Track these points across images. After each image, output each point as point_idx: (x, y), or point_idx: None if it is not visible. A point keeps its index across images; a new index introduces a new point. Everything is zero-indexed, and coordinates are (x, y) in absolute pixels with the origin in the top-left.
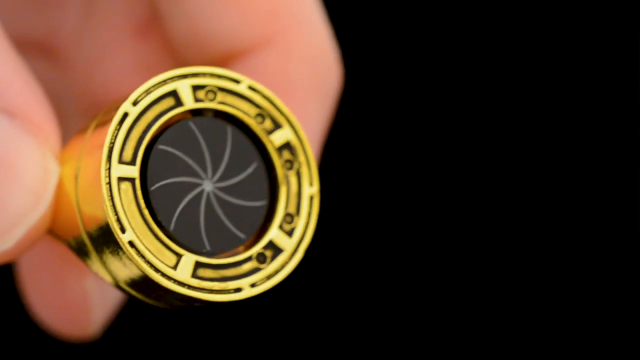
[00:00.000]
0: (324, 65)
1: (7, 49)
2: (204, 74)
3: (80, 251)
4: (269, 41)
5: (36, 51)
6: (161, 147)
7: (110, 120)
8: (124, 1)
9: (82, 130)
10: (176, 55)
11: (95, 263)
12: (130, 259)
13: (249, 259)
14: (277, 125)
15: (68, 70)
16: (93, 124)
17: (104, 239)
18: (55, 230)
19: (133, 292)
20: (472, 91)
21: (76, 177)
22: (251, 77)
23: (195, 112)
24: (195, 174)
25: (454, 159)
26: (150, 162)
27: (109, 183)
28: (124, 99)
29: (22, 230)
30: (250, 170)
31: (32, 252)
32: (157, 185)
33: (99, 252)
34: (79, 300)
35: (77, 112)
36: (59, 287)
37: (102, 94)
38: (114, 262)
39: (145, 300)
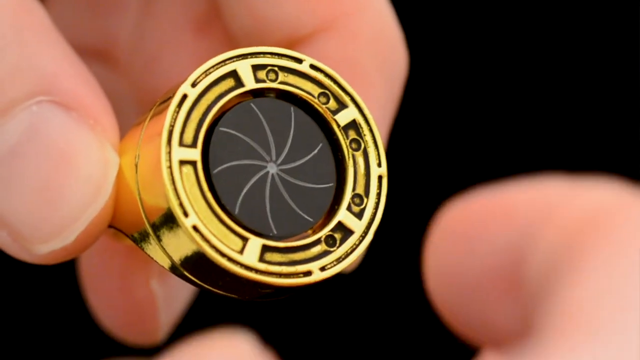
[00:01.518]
0: (388, 48)
1: (60, 43)
2: (263, 54)
3: (144, 242)
4: (331, 26)
5: (94, 56)
6: (223, 129)
7: (168, 106)
8: None
9: (139, 122)
10: (237, 48)
11: (158, 253)
12: (195, 244)
13: (317, 241)
14: (341, 105)
15: (127, 72)
16: (150, 114)
17: (167, 225)
18: (116, 223)
19: (199, 282)
20: (473, 91)
21: (136, 165)
22: None
23: (257, 93)
24: (258, 157)
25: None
26: (212, 145)
27: (170, 167)
28: (180, 84)
29: (83, 224)
30: (315, 151)
31: (95, 255)
32: (219, 168)
33: (162, 240)
34: (145, 304)
35: (138, 113)
36: (124, 291)
37: None
38: (178, 250)
39: (214, 290)
